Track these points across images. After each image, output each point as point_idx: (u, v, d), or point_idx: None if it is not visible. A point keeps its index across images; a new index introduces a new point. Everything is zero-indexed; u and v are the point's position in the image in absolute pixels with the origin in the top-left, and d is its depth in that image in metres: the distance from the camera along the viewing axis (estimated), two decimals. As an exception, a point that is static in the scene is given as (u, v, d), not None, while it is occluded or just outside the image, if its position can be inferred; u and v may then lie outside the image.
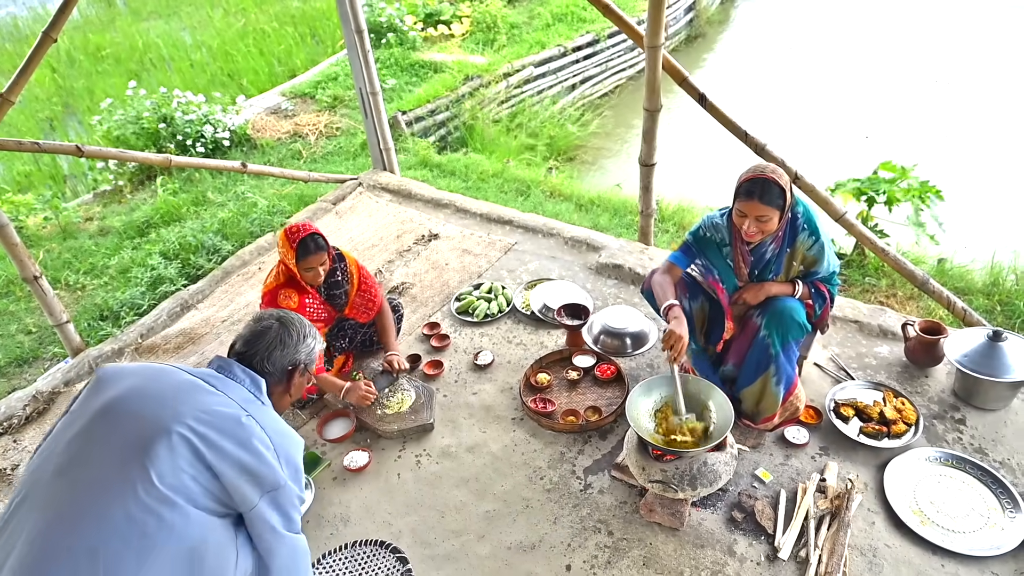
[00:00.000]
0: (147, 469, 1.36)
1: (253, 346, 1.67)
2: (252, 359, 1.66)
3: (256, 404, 1.58)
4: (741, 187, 2.37)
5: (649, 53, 3.28)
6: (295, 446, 1.61)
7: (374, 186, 4.95)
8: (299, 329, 1.73)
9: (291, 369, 1.71)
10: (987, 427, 2.67)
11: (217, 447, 1.44)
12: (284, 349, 1.69)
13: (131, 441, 1.39)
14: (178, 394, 1.48)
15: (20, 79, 3.22)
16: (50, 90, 8.55)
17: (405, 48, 7.96)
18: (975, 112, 7.16)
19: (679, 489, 2.26)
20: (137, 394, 1.47)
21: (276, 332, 1.69)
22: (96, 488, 1.34)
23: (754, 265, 2.54)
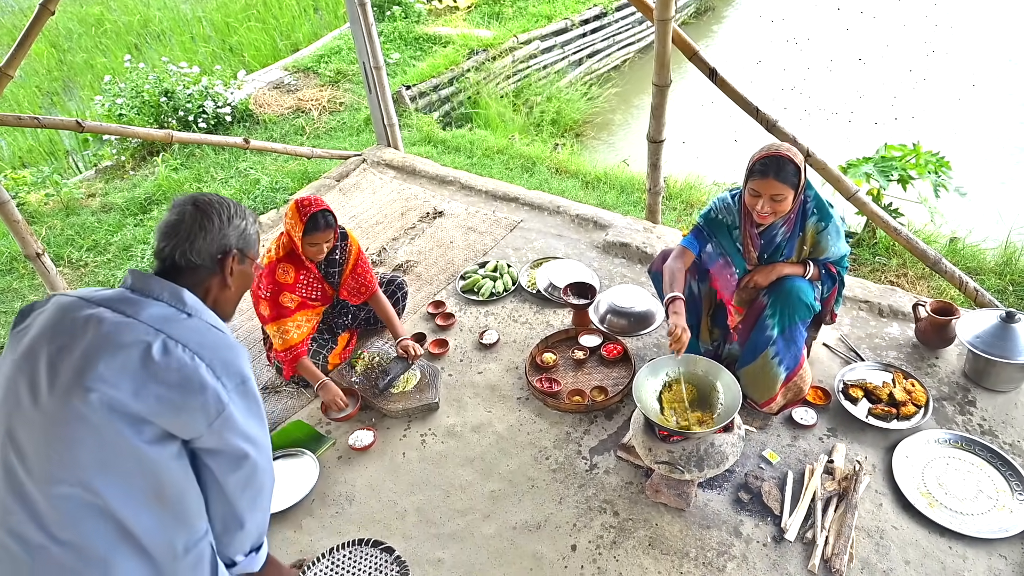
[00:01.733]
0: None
1: (170, 239, 1.43)
2: (174, 255, 1.43)
3: (176, 320, 1.35)
4: (755, 165, 2.31)
5: (659, 26, 3.20)
6: (230, 353, 1.36)
7: (378, 162, 4.90)
8: (222, 210, 1.48)
9: (221, 257, 1.46)
10: (997, 409, 2.64)
11: (129, 397, 1.26)
12: (207, 235, 1.44)
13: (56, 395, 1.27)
14: (76, 347, 1.29)
15: (18, 52, 3.16)
16: (49, 64, 8.45)
17: (409, 21, 7.83)
18: (988, 92, 7.03)
19: (685, 470, 2.24)
20: (43, 349, 1.31)
21: (192, 218, 1.44)
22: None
23: (764, 248, 2.50)
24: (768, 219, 2.36)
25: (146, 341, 1.29)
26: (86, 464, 1.26)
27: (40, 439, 1.28)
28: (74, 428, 1.26)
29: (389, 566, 2.33)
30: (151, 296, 1.37)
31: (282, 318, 2.82)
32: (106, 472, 1.27)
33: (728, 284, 2.58)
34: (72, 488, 1.26)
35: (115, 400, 1.26)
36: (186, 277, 1.44)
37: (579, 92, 7.34)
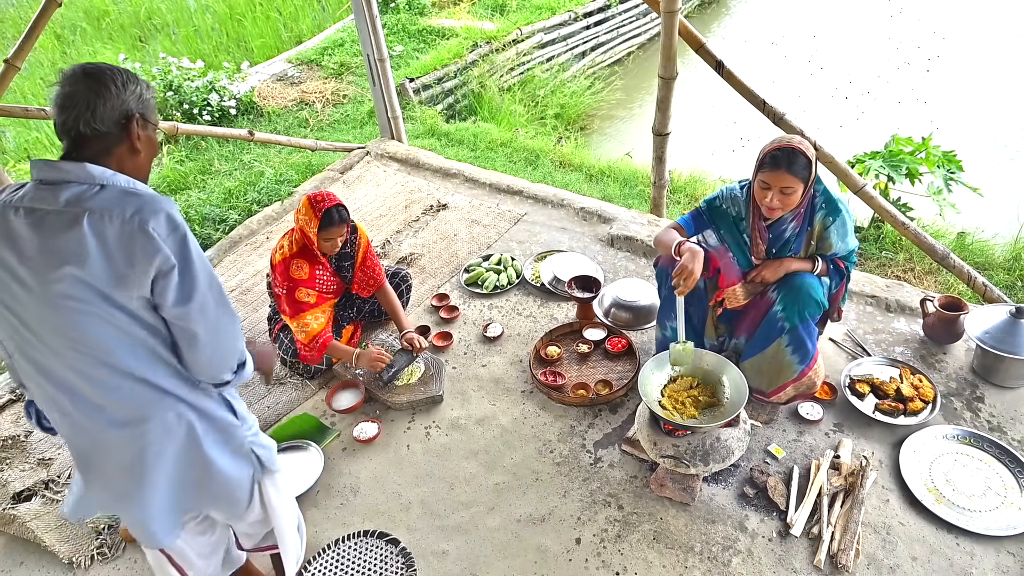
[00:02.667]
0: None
1: (70, 111, 1.40)
2: (77, 126, 1.40)
3: (92, 195, 1.38)
4: (766, 157, 2.28)
5: (665, 18, 3.18)
6: (154, 205, 1.39)
7: (382, 155, 4.88)
8: (115, 76, 1.44)
9: (125, 122, 1.44)
10: (1006, 405, 2.63)
11: (89, 275, 1.36)
12: (106, 101, 1.41)
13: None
14: (25, 249, 1.39)
15: (25, 44, 3.16)
16: (55, 57, 8.44)
17: (413, 13, 7.79)
18: (997, 87, 6.97)
19: (691, 464, 2.24)
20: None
21: (87, 87, 1.41)
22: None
23: (772, 243, 2.47)
24: (776, 212, 2.34)
25: (74, 223, 1.35)
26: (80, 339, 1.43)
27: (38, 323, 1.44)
28: (63, 314, 1.41)
29: (394, 558, 2.33)
30: (60, 182, 1.39)
31: (301, 312, 2.83)
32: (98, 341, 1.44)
33: (730, 269, 2.52)
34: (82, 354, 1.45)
35: (81, 284, 1.37)
36: (92, 148, 1.43)
37: (583, 85, 7.30)
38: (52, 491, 2.76)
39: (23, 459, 2.93)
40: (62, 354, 1.45)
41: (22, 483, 2.80)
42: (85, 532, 2.58)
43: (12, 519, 2.63)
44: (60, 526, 2.61)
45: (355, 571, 2.31)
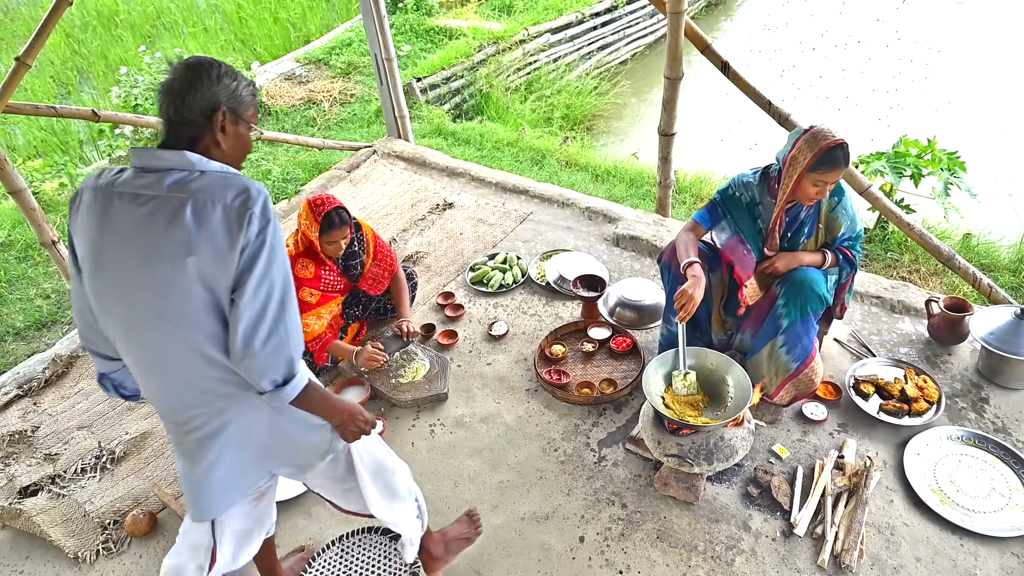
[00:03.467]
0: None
1: (166, 96, 1.47)
2: (170, 112, 1.47)
3: (192, 180, 1.43)
4: (823, 156, 2.23)
5: (671, 19, 3.18)
6: (251, 190, 1.43)
7: (388, 154, 4.90)
8: (211, 68, 1.48)
9: (211, 113, 1.47)
10: (1011, 406, 2.62)
11: (176, 257, 1.40)
12: (195, 91, 1.46)
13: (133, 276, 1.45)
14: (130, 236, 1.43)
15: (36, 43, 3.18)
16: (65, 55, 8.51)
17: (421, 14, 7.82)
18: (1005, 87, 6.93)
19: (695, 463, 2.24)
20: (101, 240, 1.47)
21: (183, 76, 1.47)
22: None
23: (787, 227, 2.49)
24: (813, 201, 2.38)
25: (179, 209, 1.39)
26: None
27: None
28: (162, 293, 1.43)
29: (398, 554, 2.33)
30: (161, 169, 1.44)
31: (303, 312, 2.84)
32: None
33: (744, 261, 2.53)
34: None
35: (184, 267, 1.39)
36: (184, 135, 1.48)
37: (589, 85, 7.31)
38: (59, 486, 2.79)
39: (30, 454, 2.96)
40: (163, 338, 1.47)
41: (29, 478, 2.82)
42: (91, 527, 2.60)
43: (19, 514, 2.65)
44: (66, 521, 2.64)
45: (359, 567, 2.32)
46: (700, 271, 2.38)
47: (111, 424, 3.07)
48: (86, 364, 3.41)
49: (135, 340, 1.52)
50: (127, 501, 2.70)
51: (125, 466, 2.86)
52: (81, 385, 3.30)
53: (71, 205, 1.56)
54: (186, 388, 1.54)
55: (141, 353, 1.53)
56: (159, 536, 2.56)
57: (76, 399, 3.23)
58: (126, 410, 3.12)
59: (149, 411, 3.10)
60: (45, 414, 3.16)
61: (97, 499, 2.72)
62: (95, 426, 3.06)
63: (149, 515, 2.58)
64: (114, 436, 2.99)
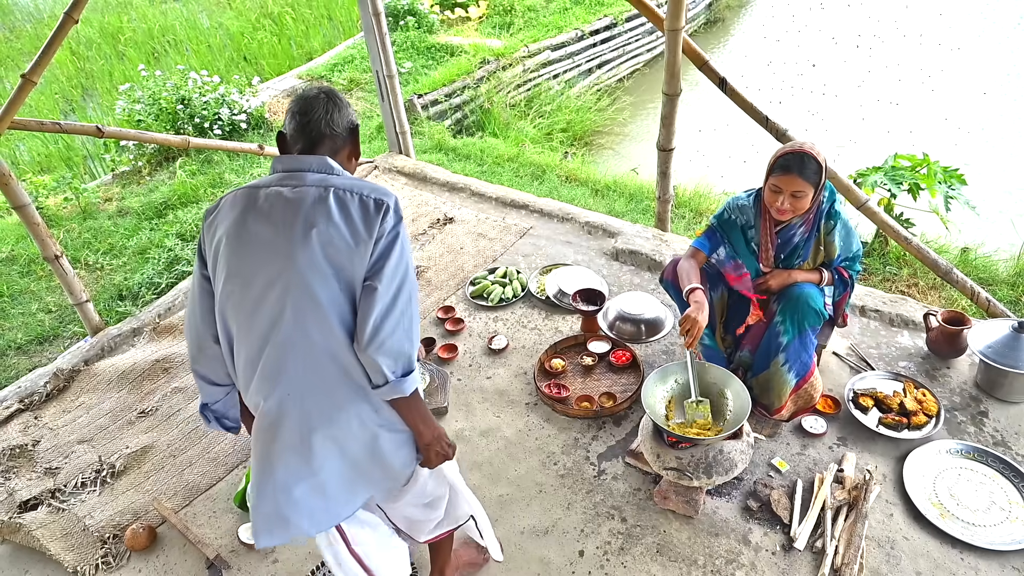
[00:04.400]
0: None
1: (313, 112, 1.62)
2: (319, 124, 1.62)
3: (332, 178, 1.59)
4: (777, 161, 2.33)
5: (669, 36, 3.23)
6: (381, 187, 1.61)
7: (390, 169, 4.94)
8: (341, 96, 1.68)
9: (353, 129, 1.68)
10: (1010, 420, 2.62)
11: (321, 264, 1.50)
12: (340, 110, 1.65)
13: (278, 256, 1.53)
14: (275, 215, 1.54)
15: (42, 60, 3.23)
16: (70, 72, 8.60)
17: (422, 31, 7.91)
18: (1001, 101, 6.99)
19: (694, 477, 2.24)
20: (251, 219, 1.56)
21: (328, 96, 1.64)
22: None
23: (780, 249, 2.50)
24: (787, 215, 2.37)
25: (322, 195, 1.53)
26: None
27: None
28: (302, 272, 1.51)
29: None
30: (304, 170, 1.59)
31: None
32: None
33: (742, 283, 2.58)
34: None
35: (324, 247, 1.50)
36: (326, 146, 1.63)
37: (589, 101, 7.38)
38: (58, 500, 2.79)
39: (30, 468, 2.96)
40: (293, 313, 1.51)
41: (29, 492, 2.82)
42: (90, 541, 2.60)
43: (18, 528, 2.65)
44: (65, 535, 2.63)
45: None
46: (702, 296, 2.40)
47: (112, 438, 3.07)
48: (87, 378, 3.42)
49: (260, 321, 1.54)
50: (127, 515, 2.69)
51: (125, 480, 2.86)
52: (82, 399, 3.31)
53: (206, 218, 1.65)
54: (304, 377, 1.54)
55: (258, 339, 1.54)
56: (159, 550, 2.56)
57: (77, 413, 3.23)
58: (127, 424, 3.13)
59: (150, 425, 3.10)
60: (46, 428, 3.17)
61: (97, 513, 2.72)
62: (96, 440, 3.07)
63: (149, 529, 2.58)
64: (115, 450, 2.99)
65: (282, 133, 1.68)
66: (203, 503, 2.71)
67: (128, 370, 3.40)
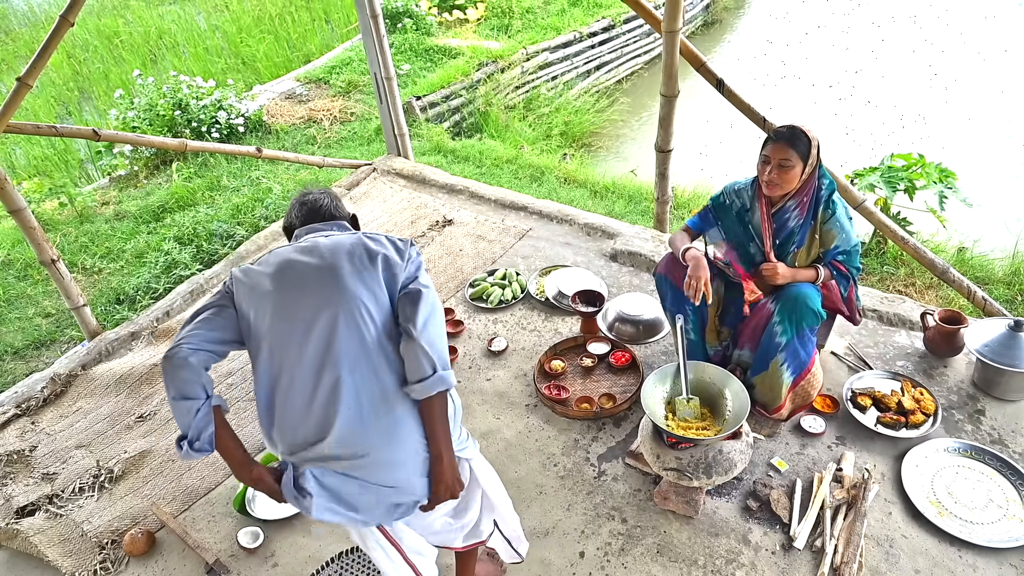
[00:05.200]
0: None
1: (318, 203, 1.87)
2: (330, 208, 1.88)
3: (352, 232, 1.82)
4: (770, 134, 2.39)
5: (667, 38, 3.24)
6: (400, 237, 1.82)
7: (388, 171, 4.94)
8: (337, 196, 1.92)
9: (353, 219, 1.91)
10: (1007, 418, 2.63)
11: (368, 281, 1.67)
12: (341, 204, 1.92)
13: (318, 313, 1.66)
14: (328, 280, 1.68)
15: (38, 63, 3.22)
16: (66, 75, 8.59)
17: (420, 33, 7.92)
18: (997, 101, 7.02)
19: (694, 477, 2.24)
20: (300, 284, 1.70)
21: (327, 192, 1.90)
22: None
23: (776, 234, 2.52)
24: (775, 190, 2.40)
25: (355, 238, 1.74)
26: None
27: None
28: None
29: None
30: (330, 229, 1.83)
31: None
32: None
33: (734, 268, 2.61)
34: None
35: (362, 267, 1.69)
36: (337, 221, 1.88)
37: (588, 103, 7.39)
38: (56, 506, 2.78)
39: (27, 474, 2.95)
40: (339, 341, 1.64)
41: (26, 497, 2.81)
42: (88, 546, 2.60)
43: (15, 534, 2.65)
44: (63, 540, 2.63)
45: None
46: (697, 252, 2.49)
47: (109, 443, 3.07)
48: (85, 383, 3.42)
49: (313, 345, 1.64)
50: (125, 520, 2.69)
51: (123, 485, 2.86)
52: (79, 404, 3.30)
53: (243, 273, 1.75)
54: (358, 398, 1.64)
55: (313, 365, 1.64)
56: (157, 555, 2.55)
57: (74, 418, 3.23)
58: (125, 429, 3.12)
59: (148, 430, 3.10)
60: (43, 433, 3.16)
61: (95, 518, 2.71)
62: (93, 445, 3.06)
63: (147, 534, 2.57)
64: (112, 455, 2.99)
65: (289, 226, 1.89)
66: (202, 507, 2.70)
67: (126, 374, 3.39)
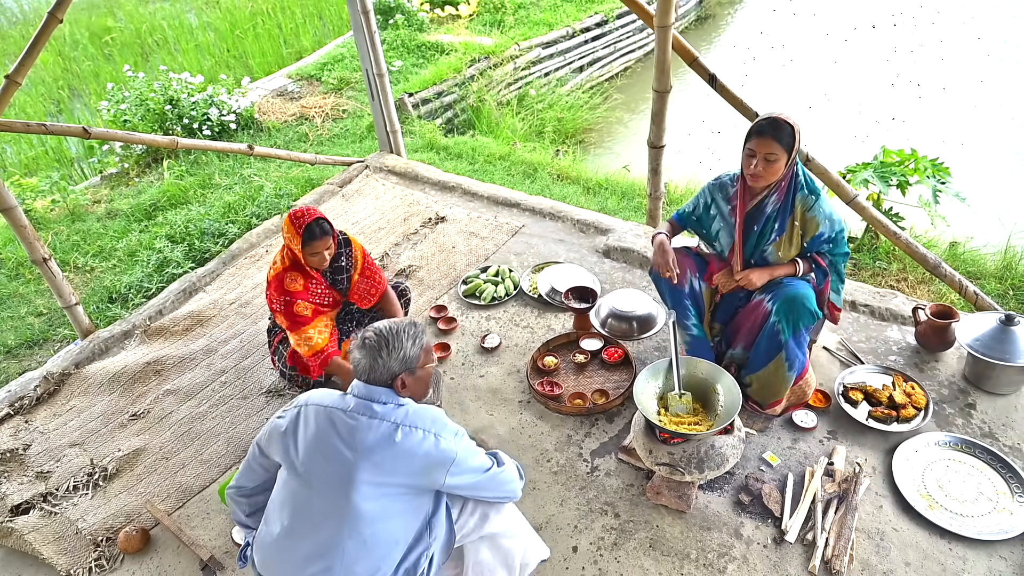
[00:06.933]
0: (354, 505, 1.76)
1: (361, 373, 1.88)
2: (368, 379, 1.87)
3: (398, 409, 1.83)
4: (753, 127, 2.39)
5: (659, 33, 3.24)
6: (439, 418, 1.86)
7: (381, 169, 4.93)
8: (382, 348, 1.86)
9: (391, 381, 1.86)
10: (997, 412, 2.65)
11: (390, 473, 1.77)
12: (374, 372, 1.85)
13: (336, 488, 1.78)
14: (347, 449, 1.79)
15: (26, 60, 3.20)
16: (56, 73, 8.53)
17: (412, 29, 7.89)
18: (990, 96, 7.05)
19: (686, 472, 2.25)
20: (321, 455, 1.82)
21: (368, 355, 1.86)
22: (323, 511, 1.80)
23: (754, 221, 2.52)
24: (760, 181, 2.41)
25: (389, 432, 1.78)
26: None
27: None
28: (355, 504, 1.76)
29: None
30: (375, 400, 1.84)
31: (300, 326, 2.86)
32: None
33: (712, 257, 2.67)
34: None
35: (380, 480, 1.77)
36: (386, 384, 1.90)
37: (581, 99, 7.38)
38: (50, 504, 2.78)
39: (21, 472, 2.95)
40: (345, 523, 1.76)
41: (20, 496, 2.81)
42: (83, 544, 2.59)
43: (10, 532, 2.64)
44: (58, 538, 2.62)
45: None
46: (663, 238, 2.63)
47: (103, 441, 3.06)
48: (78, 381, 3.41)
49: (312, 521, 1.79)
50: (120, 518, 2.69)
51: (117, 483, 2.85)
52: (73, 402, 3.29)
53: (287, 426, 1.88)
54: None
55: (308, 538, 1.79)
56: (152, 553, 2.55)
57: (68, 416, 3.22)
58: (118, 427, 3.12)
59: (141, 428, 3.09)
60: (37, 432, 3.15)
61: (89, 516, 2.71)
62: (87, 443, 3.06)
63: (142, 532, 2.57)
64: (106, 453, 2.98)
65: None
66: (196, 505, 2.70)
67: (119, 373, 3.39)
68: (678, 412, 2.37)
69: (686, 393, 2.40)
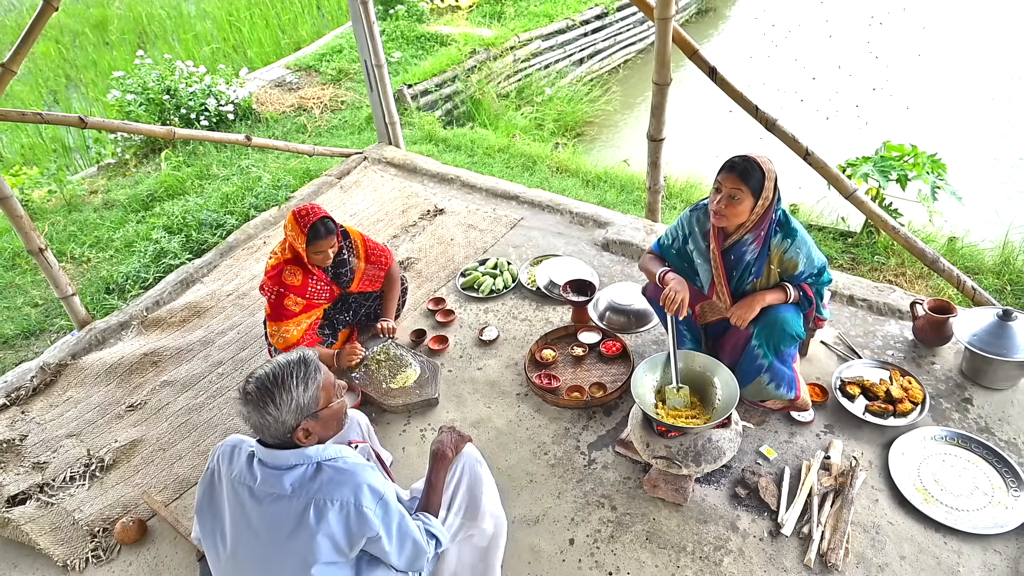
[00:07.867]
0: None
1: (256, 431, 1.66)
2: (265, 438, 1.66)
3: (310, 478, 1.62)
4: (726, 162, 2.33)
5: (659, 25, 3.22)
6: (357, 481, 1.63)
7: (379, 160, 4.91)
8: (273, 402, 1.60)
9: (290, 435, 1.63)
10: (994, 406, 2.66)
11: (311, 554, 1.59)
12: (270, 428, 1.63)
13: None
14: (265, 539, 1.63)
15: (22, 49, 3.18)
16: (54, 62, 8.48)
17: (411, 20, 7.85)
18: (989, 93, 7.03)
19: (683, 465, 2.26)
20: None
21: (254, 417, 1.63)
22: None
23: (733, 267, 2.46)
24: (721, 220, 2.35)
25: (300, 511, 1.59)
26: None
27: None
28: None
29: None
30: (281, 468, 1.62)
31: (283, 319, 2.85)
32: None
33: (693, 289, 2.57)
34: None
35: (303, 556, 1.59)
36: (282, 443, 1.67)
37: (580, 92, 7.35)
38: (47, 494, 2.78)
39: (17, 463, 2.94)
40: None
41: (16, 486, 2.81)
42: (80, 535, 2.59)
43: (6, 522, 2.64)
44: (55, 529, 2.62)
45: None
46: (675, 274, 2.50)
47: (100, 432, 3.06)
48: (75, 372, 3.40)
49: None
50: (116, 509, 2.69)
51: (114, 474, 2.85)
52: (70, 393, 3.29)
53: (201, 501, 1.73)
54: None
55: None
56: (149, 543, 2.55)
57: (64, 407, 3.21)
58: (115, 418, 3.11)
59: (138, 419, 3.09)
60: (33, 423, 3.15)
61: (86, 507, 2.71)
62: (84, 434, 3.05)
63: (139, 523, 2.57)
64: (103, 444, 2.98)
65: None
66: (193, 496, 2.70)
67: (116, 364, 3.38)
68: (675, 405, 2.37)
69: (684, 387, 2.40)
